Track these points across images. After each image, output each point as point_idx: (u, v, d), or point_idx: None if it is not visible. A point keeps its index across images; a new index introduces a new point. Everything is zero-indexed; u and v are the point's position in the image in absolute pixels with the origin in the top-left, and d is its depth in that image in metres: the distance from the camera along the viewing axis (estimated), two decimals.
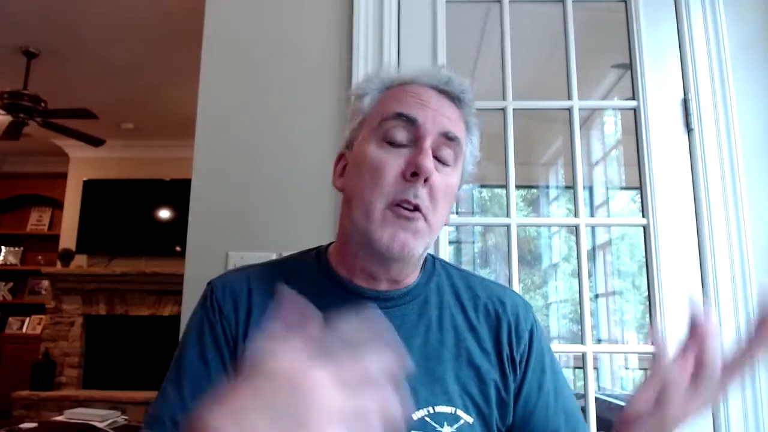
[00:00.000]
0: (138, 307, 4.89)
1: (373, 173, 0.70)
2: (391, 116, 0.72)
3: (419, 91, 0.74)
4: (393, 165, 0.70)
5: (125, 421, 2.82)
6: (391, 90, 0.77)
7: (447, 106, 0.75)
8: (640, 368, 3.83)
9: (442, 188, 0.71)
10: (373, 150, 0.72)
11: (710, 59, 1.35)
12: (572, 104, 1.40)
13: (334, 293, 0.75)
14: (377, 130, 0.73)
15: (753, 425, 1.20)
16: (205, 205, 1.34)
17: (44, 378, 4.66)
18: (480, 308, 0.79)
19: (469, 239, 4.51)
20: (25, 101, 3.64)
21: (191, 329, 0.76)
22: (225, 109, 1.37)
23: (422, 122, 0.71)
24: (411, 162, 0.69)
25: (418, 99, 0.73)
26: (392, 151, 0.71)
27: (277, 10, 1.41)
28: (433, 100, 0.74)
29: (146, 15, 3.17)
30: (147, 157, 5.28)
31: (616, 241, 3.93)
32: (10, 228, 5.75)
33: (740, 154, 1.31)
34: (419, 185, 0.69)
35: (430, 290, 0.78)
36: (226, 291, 0.76)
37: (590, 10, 1.51)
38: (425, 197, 0.69)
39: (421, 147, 0.70)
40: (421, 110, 0.72)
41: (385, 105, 0.75)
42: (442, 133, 0.72)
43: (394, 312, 0.75)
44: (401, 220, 0.69)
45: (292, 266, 0.81)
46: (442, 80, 0.76)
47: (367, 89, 0.78)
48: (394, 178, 0.69)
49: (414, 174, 0.69)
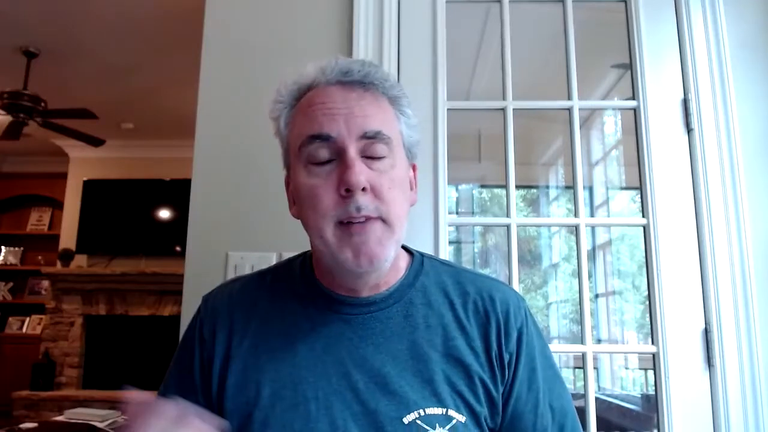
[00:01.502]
0: (138, 307, 4.89)
1: (312, 201, 0.69)
2: (306, 141, 0.70)
3: (323, 98, 0.71)
4: (326, 187, 0.69)
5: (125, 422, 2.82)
6: (297, 105, 0.75)
7: (356, 100, 0.71)
8: (640, 368, 3.84)
9: (386, 185, 0.69)
10: (303, 178, 0.71)
11: (710, 59, 1.35)
12: (572, 104, 1.40)
13: (317, 301, 0.76)
14: (300, 157, 0.71)
15: (753, 425, 1.20)
16: (205, 205, 1.34)
17: (44, 378, 4.66)
18: (469, 305, 0.77)
19: (469, 239, 4.51)
20: (25, 101, 3.64)
21: (179, 347, 0.81)
22: (225, 109, 1.37)
23: (336, 135, 0.69)
24: (341, 180, 0.68)
25: (325, 109, 0.70)
26: (320, 172, 0.70)
27: (277, 10, 1.41)
28: (339, 102, 0.71)
29: (146, 15, 3.17)
30: (147, 157, 5.28)
31: (616, 241, 3.93)
32: (10, 228, 5.76)
33: (740, 154, 1.31)
34: (358, 196, 0.67)
35: (416, 290, 0.77)
36: (208, 311, 0.80)
37: (590, 10, 1.51)
38: (369, 203, 0.68)
39: (345, 161, 0.68)
40: (332, 122, 0.69)
41: (298, 127, 0.73)
42: (361, 136, 0.69)
43: (378, 315, 0.74)
44: (356, 235, 0.68)
45: (278, 277, 0.82)
46: (342, 71, 0.72)
47: (279, 110, 0.76)
48: (332, 200, 0.68)
49: (347, 190, 0.67)
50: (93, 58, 3.73)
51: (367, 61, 0.74)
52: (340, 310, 0.75)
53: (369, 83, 0.73)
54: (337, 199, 0.68)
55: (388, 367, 0.71)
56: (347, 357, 0.72)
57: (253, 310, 0.77)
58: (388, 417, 0.69)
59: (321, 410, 0.70)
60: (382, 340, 0.73)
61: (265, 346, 0.74)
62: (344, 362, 0.72)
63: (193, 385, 0.76)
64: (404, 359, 0.72)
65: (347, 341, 0.73)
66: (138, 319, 4.92)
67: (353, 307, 0.75)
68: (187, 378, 0.76)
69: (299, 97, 0.75)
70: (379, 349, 0.72)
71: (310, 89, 0.74)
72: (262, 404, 0.70)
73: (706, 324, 1.26)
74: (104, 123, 4.16)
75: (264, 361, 0.73)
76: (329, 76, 0.73)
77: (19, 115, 3.67)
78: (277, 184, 1.33)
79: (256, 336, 0.75)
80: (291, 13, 1.40)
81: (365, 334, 0.73)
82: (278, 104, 0.77)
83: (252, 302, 0.78)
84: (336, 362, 0.72)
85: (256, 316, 0.77)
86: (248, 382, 0.72)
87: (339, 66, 0.73)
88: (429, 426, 0.69)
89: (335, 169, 0.69)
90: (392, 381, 0.71)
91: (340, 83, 0.72)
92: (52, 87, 3.89)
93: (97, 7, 3.10)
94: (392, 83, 0.75)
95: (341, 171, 0.68)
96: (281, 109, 0.76)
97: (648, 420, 2.59)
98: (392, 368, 0.71)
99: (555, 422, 0.76)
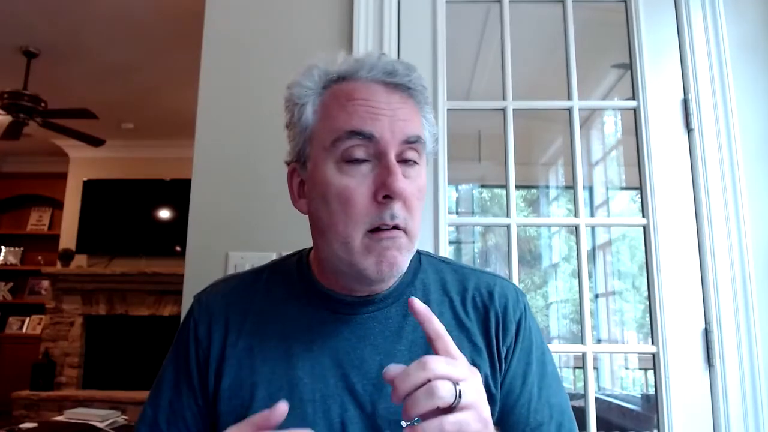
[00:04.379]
0: (138, 307, 4.89)
1: (343, 203, 0.66)
2: (344, 135, 0.66)
3: (366, 95, 0.68)
4: (361, 190, 0.65)
5: (125, 421, 2.82)
6: (329, 92, 0.71)
7: (399, 103, 0.68)
8: (640, 368, 3.84)
9: (415, 194, 0.68)
10: (333, 175, 0.67)
11: (710, 59, 1.35)
12: (572, 104, 1.40)
13: (314, 300, 0.75)
14: (332, 151, 0.67)
15: (753, 425, 1.20)
16: (205, 205, 1.34)
17: (44, 378, 4.66)
18: (468, 301, 0.76)
19: (469, 239, 4.51)
20: (25, 101, 3.64)
21: (172, 348, 0.79)
22: (225, 109, 1.37)
23: (380, 136, 0.66)
24: (382, 184, 0.65)
25: (368, 106, 0.67)
26: (355, 171, 0.66)
27: (277, 10, 1.41)
28: (383, 103, 0.67)
29: (146, 15, 3.17)
30: (147, 157, 5.28)
31: (616, 241, 3.93)
32: (10, 228, 5.76)
33: (740, 154, 1.31)
34: (394, 204, 0.65)
35: (415, 288, 0.76)
36: (202, 310, 0.77)
37: (590, 10, 1.51)
38: (401, 213, 0.66)
39: (387, 164, 0.65)
40: (375, 122, 0.66)
41: (333, 119, 0.68)
42: (404, 140, 0.67)
43: (376, 315, 0.73)
44: (383, 242, 0.66)
45: (273, 275, 0.80)
46: (387, 71, 0.69)
47: (305, 96, 0.71)
48: (366, 204, 0.65)
49: (386, 196, 0.65)
50: (93, 58, 3.73)
51: (408, 64, 0.72)
52: (338, 309, 0.73)
53: (412, 89, 0.70)
54: (372, 204, 0.65)
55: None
56: (345, 358, 0.71)
57: (248, 309, 0.76)
58: (386, 419, 0.68)
59: (318, 412, 0.69)
60: (380, 340, 0.72)
61: (260, 347, 0.73)
62: (342, 363, 0.71)
63: (191, 388, 0.74)
64: (403, 360, 0.70)
65: (345, 342, 0.72)
66: (138, 319, 4.92)
67: (352, 307, 0.73)
68: (184, 381, 0.74)
69: (328, 86, 0.71)
70: (377, 350, 0.71)
71: (343, 80, 0.70)
72: (257, 406, 0.68)
73: (706, 324, 1.26)
74: (104, 123, 4.16)
75: (259, 363, 0.72)
76: (372, 72, 0.69)
77: (19, 115, 3.67)
78: (277, 184, 1.34)
79: (251, 336, 0.74)
80: (291, 13, 1.40)
81: (364, 334, 0.72)
82: (304, 89, 0.71)
83: (247, 301, 0.77)
84: (333, 363, 0.71)
85: (251, 316, 0.75)
86: (243, 383, 0.71)
87: (383, 64, 0.69)
88: None
89: (371, 172, 0.66)
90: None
91: (383, 83, 0.69)
92: (52, 87, 3.89)
93: (97, 7, 3.10)
94: (426, 89, 0.73)
95: (382, 175, 0.65)
96: (308, 95, 0.71)
97: (648, 420, 2.59)
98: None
99: (553, 420, 0.74)
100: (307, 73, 0.72)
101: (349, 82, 0.70)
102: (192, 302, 0.81)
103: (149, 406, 0.76)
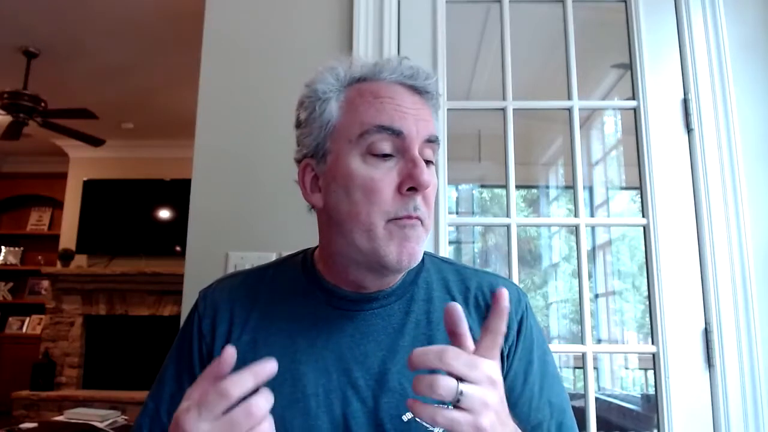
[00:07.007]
0: (138, 307, 4.89)
1: (368, 193, 0.68)
2: (374, 129, 0.69)
3: (391, 94, 0.72)
4: (386, 181, 0.68)
5: (125, 421, 2.82)
6: (353, 89, 0.74)
7: (419, 104, 0.73)
8: (640, 368, 3.83)
9: (433, 191, 0.72)
10: (359, 167, 0.69)
11: (710, 59, 1.35)
12: (572, 104, 1.40)
13: (319, 298, 0.76)
14: (358, 143, 0.70)
15: (753, 425, 1.20)
16: (205, 205, 1.34)
17: (44, 378, 4.66)
18: (470, 301, 0.78)
19: (469, 239, 4.51)
20: (25, 101, 3.64)
21: (175, 343, 0.80)
22: (225, 109, 1.37)
23: (407, 133, 0.69)
24: (408, 176, 0.68)
25: (395, 105, 0.71)
26: (381, 164, 0.69)
27: (277, 10, 1.41)
28: (408, 103, 0.71)
29: (146, 15, 3.17)
30: (147, 157, 5.28)
31: (616, 241, 3.93)
32: (10, 228, 5.76)
33: (740, 154, 1.31)
34: (418, 197, 0.68)
35: (418, 287, 0.78)
36: (207, 305, 0.79)
37: (590, 10, 1.51)
38: (422, 206, 0.69)
39: (413, 159, 0.69)
40: (403, 120, 0.70)
41: (361, 114, 0.71)
42: (426, 139, 0.71)
43: (380, 312, 0.75)
44: (405, 229, 0.68)
45: (279, 272, 0.82)
46: (407, 74, 0.73)
47: (328, 92, 0.73)
48: (391, 195, 0.68)
49: (411, 188, 0.68)
50: (93, 58, 3.73)
51: (427, 70, 0.75)
52: (342, 305, 0.75)
53: (429, 92, 0.74)
54: (396, 195, 0.68)
55: (389, 364, 0.72)
56: (348, 353, 0.72)
57: (253, 304, 0.77)
58: (388, 414, 0.69)
59: (321, 406, 0.70)
60: (383, 336, 0.73)
61: (264, 341, 0.74)
62: (345, 358, 0.72)
63: (193, 381, 0.74)
64: (406, 356, 0.71)
65: (348, 337, 0.73)
66: (138, 319, 4.92)
67: (356, 303, 0.75)
68: (186, 375, 0.75)
69: (351, 84, 0.74)
70: (380, 346, 0.73)
71: (365, 80, 0.74)
72: None
73: (706, 324, 1.26)
74: (104, 123, 4.16)
75: (262, 356, 0.72)
76: (395, 74, 0.73)
77: (19, 115, 3.67)
78: (277, 184, 1.34)
79: (255, 331, 0.75)
80: (291, 13, 1.41)
81: (367, 330, 0.74)
82: (328, 85, 0.73)
83: (252, 297, 0.78)
84: (337, 358, 0.72)
85: (256, 311, 0.77)
86: None
87: (405, 68, 0.73)
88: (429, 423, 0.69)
89: (396, 166, 0.69)
90: (393, 378, 0.71)
91: (405, 85, 0.73)
92: (52, 87, 3.89)
93: (97, 7, 3.10)
94: (440, 96, 0.78)
95: (408, 169, 0.68)
96: (332, 91, 0.73)
97: (648, 420, 2.59)
98: (393, 365, 0.72)
99: (553, 419, 0.75)
100: (330, 71, 0.75)
101: (372, 82, 0.73)
102: (197, 297, 0.82)
103: (151, 399, 0.76)
